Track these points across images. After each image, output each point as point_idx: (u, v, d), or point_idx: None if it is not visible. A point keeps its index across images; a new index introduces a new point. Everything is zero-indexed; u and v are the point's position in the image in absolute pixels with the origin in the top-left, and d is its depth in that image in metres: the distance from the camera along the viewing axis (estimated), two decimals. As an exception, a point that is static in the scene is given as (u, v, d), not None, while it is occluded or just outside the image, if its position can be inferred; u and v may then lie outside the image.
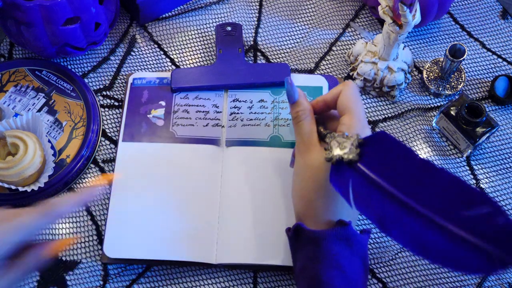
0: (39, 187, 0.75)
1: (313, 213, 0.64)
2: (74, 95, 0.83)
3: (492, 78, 0.86)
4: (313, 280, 0.61)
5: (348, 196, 0.58)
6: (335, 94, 0.67)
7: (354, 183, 0.58)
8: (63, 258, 0.75)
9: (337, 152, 0.60)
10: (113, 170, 0.79)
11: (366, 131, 0.65)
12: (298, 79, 0.83)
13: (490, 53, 0.88)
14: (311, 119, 0.66)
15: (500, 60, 0.87)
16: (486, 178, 0.80)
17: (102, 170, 0.80)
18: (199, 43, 0.89)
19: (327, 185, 0.62)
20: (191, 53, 0.88)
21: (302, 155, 0.65)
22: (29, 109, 0.82)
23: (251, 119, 0.81)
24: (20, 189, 0.75)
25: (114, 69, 0.87)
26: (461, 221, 0.52)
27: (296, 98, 0.67)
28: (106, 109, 0.84)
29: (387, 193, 0.55)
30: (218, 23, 0.89)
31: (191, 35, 0.89)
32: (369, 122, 0.83)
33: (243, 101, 0.83)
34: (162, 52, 0.88)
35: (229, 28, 0.87)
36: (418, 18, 0.74)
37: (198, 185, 0.77)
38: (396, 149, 0.58)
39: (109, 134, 0.83)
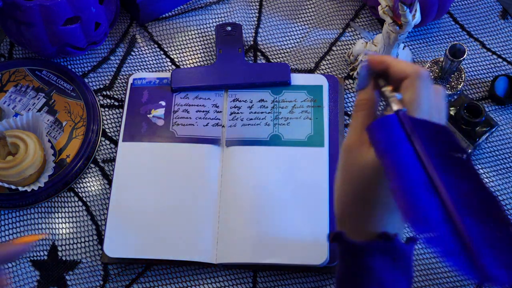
0: (39, 187, 0.75)
1: (356, 219, 0.56)
2: (74, 95, 0.83)
3: (492, 78, 0.86)
4: None
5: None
6: (400, 75, 0.56)
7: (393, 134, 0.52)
8: (63, 258, 0.75)
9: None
10: (113, 170, 0.79)
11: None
12: (298, 79, 0.83)
13: (490, 53, 0.88)
14: (370, 112, 0.57)
15: (500, 60, 0.87)
16: (486, 178, 0.79)
17: (102, 170, 0.80)
18: (199, 43, 0.89)
19: (376, 189, 0.55)
20: (191, 53, 0.88)
21: (350, 150, 0.57)
22: (29, 109, 0.82)
23: (251, 119, 0.81)
24: (20, 189, 0.75)
25: (114, 69, 0.87)
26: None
27: (361, 86, 0.58)
28: (106, 109, 0.84)
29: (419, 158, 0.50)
30: (218, 23, 0.89)
31: (191, 35, 0.89)
32: (369, 122, 0.83)
33: (243, 101, 0.83)
34: (162, 52, 0.88)
35: (229, 28, 0.87)
36: (418, 18, 0.74)
37: (198, 184, 0.77)
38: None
39: (109, 134, 0.83)
